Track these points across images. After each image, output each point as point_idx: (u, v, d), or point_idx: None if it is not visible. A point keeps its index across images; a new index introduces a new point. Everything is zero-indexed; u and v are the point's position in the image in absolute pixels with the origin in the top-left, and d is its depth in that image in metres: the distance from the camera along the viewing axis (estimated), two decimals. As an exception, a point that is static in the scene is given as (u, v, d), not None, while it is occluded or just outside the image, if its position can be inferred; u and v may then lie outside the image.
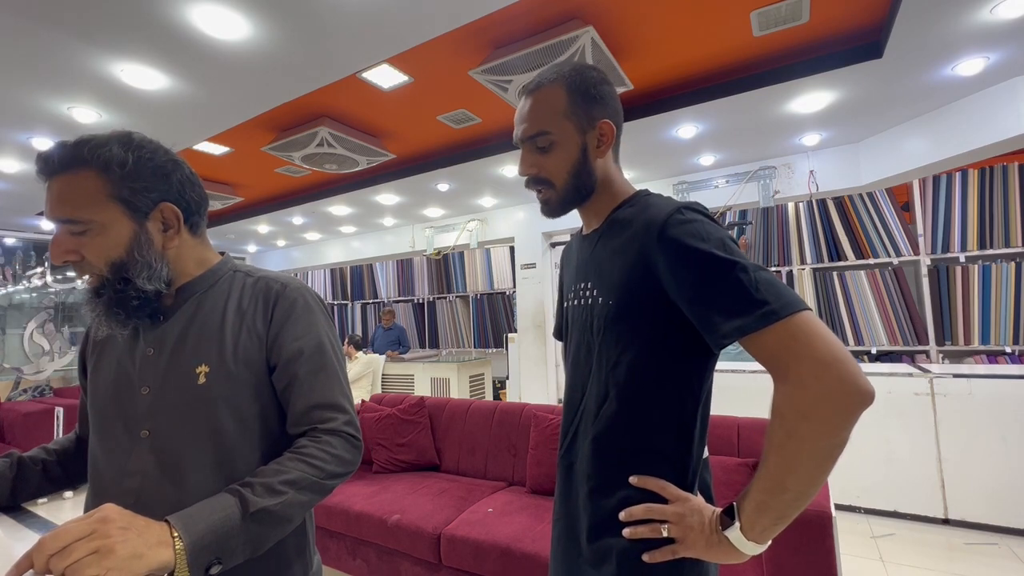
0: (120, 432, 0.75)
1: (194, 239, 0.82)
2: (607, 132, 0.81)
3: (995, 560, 2.32)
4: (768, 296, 0.62)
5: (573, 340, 0.86)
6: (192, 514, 0.61)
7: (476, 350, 6.42)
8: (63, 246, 0.72)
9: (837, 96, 2.95)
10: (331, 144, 3.24)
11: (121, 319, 0.74)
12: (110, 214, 0.72)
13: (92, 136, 0.72)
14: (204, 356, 0.76)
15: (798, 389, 0.61)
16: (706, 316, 0.66)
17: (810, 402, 0.60)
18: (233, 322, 0.79)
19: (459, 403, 2.84)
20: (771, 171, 4.00)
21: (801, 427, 0.61)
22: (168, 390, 0.75)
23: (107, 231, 0.72)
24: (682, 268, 0.68)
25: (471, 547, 1.93)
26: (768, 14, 2.29)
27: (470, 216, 5.58)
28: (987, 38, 2.32)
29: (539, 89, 0.81)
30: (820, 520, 1.48)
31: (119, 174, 0.72)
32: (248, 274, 0.85)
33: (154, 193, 0.75)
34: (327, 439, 0.74)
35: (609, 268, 0.78)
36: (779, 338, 0.62)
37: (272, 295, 0.81)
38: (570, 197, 0.83)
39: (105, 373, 0.80)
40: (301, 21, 2.04)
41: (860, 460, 2.89)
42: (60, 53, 2.19)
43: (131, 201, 0.73)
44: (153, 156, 0.75)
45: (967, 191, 3.69)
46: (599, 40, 2.28)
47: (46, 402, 4.51)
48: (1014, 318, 3.45)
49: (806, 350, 0.60)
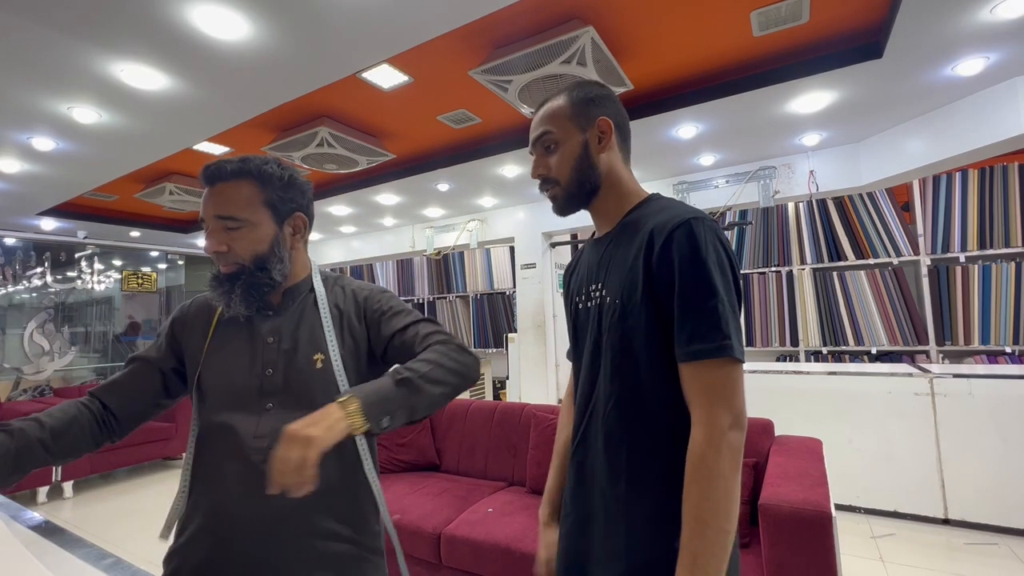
0: (251, 403, 0.89)
1: (302, 248, 1.01)
2: (606, 128, 0.86)
3: (995, 560, 2.32)
4: (732, 333, 0.70)
5: (584, 341, 0.88)
6: (361, 387, 0.81)
7: (476, 350, 6.41)
8: (218, 238, 0.88)
9: (837, 96, 2.95)
10: (331, 144, 3.24)
11: (251, 301, 0.91)
12: (260, 216, 0.91)
13: (255, 155, 0.93)
14: (319, 346, 0.93)
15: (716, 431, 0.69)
16: (681, 327, 0.72)
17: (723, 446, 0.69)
18: (336, 319, 0.98)
19: (459, 403, 2.84)
20: (771, 171, 4.00)
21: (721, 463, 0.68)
22: (292, 372, 0.91)
23: (256, 229, 0.90)
24: (682, 272, 0.72)
25: (471, 547, 1.94)
26: (768, 14, 2.29)
27: (470, 216, 5.58)
28: (987, 38, 2.32)
29: (545, 103, 0.90)
30: (820, 520, 1.48)
31: (274, 186, 0.92)
32: (336, 281, 1.04)
33: (293, 204, 0.95)
34: (440, 348, 0.91)
35: (619, 268, 0.81)
36: (719, 374, 0.70)
37: (360, 297, 1.01)
38: (574, 191, 0.87)
39: (227, 354, 0.94)
40: (301, 21, 2.04)
41: (860, 460, 2.89)
42: (60, 53, 2.19)
43: (278, 208, 0.93)
44: (296, 176, 0.96)
45: (967, 191, 3.69)
46: (599, 40, 2.28)
47: (46, 402, 4.51)
48: (1014, 318, 3.45)
49: (732, 399, 0.70)
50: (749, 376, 3.19)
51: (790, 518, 1.52)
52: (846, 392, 3.00)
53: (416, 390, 0.83)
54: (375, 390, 0.80)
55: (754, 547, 1.73)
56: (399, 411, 0.81)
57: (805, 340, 4.19)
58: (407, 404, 0.82)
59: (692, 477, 0.68)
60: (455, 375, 0.88)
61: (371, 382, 0.83)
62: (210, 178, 0.91)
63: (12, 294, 5.57)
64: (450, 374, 0.87)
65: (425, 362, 0.87)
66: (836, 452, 2.81)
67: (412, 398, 0.82)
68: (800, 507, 1.52)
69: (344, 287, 1.03)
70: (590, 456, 0.84)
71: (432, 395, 0.84)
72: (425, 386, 0.84)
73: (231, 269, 0.90)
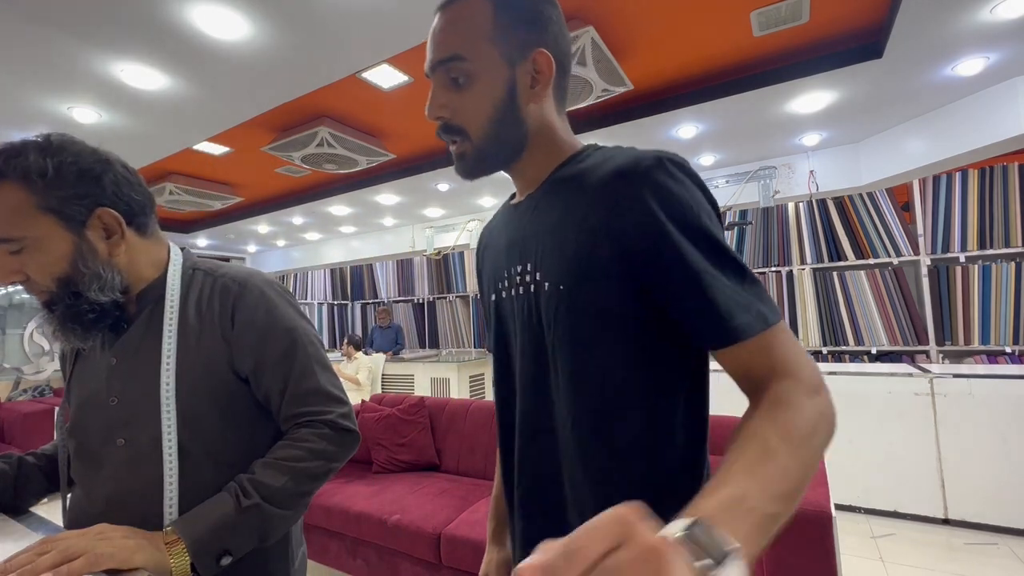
0: (97, 443, 0.74)
1: (145, 241, 0.77)
2: (544, 66, 0.60)
3: (995, 560, 2.32)
4: (763, 299, 0.53)
5: (512, 344, 0.66)
6: (193, 516, 0.66)
7: (476, 350, 6.41)
8: (4, 267, 0.67)
9: (837, 96, 2.95)
10: (331, 144, 3.24)
11: (79, 333, 0.71)
12: (43, 228, 0.67)
13: (7, 145, 0.67)
14: (157, 366, 0.73)
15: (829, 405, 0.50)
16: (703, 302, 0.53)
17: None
18: (194, 325, 0.75)
19: (459, 403, 2.84)
20: (771, 171, 4.00)
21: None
22: (135, 398, 0.73)
23: (44, 246, 0.67)
24: (676, 228, 0.52)
25: (471, 547, 1.93)
26: (768, 14, 2.29)
27: (470, 216, 5.59)
28: (987, 38, 2.32)
29: (457, 2, 0.60)
30: (820, 520, 1.48)
31: (42, 184, 0.66)
32: (208, 272, 0.80)
33: (86, 199, 0.69)
34: (306, 432, 0.75)
35: (556, 241, 0.59)
36: (773, 341, 0.52)
37: (231, 296, 0.77)
38: (490, 151, 0.62)
39: (79, 386, 0.78)
40: (301, 21, 2.04)
41: (860, 460, 2.89)
42: (60, 53, 2.19)
43: (62, 211, 0.68)
44: (77, 159, 0.69)
45: (967, 191, 3.69)
46: (599, 40, 2.28)
47: (46, 402, 4.51)
48: (1014, 318, 3.45)
49: (804, 361, 0.52)
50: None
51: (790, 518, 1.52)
52: (846, 392, 2.99)
53: (266, 518, 0.69)
54: (210, 524, 0.65)
55: (754, 547, 1.73)
56: (246, 541, 0.67)
57: (805, 340, 4.19)
58: (253, 535, 0.68)
59: (795, 445, 0.45)
60: (318, 479, 0.74)
61: (206, 506, 0.67)
62: None
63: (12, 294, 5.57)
64: (311, 480, 0.73)
65: (278, 470, 0.71)
66: (836, 452, 2.81)
67: (263, 526, 0.69)
68: (800, 507, 1.52)
69: (215, 281, 0.79)
70: (549, 490, 0.62)
71: (286, 516, 0.72)
72: (277, 512, 0.70)
73: (44, 298, 0.71)
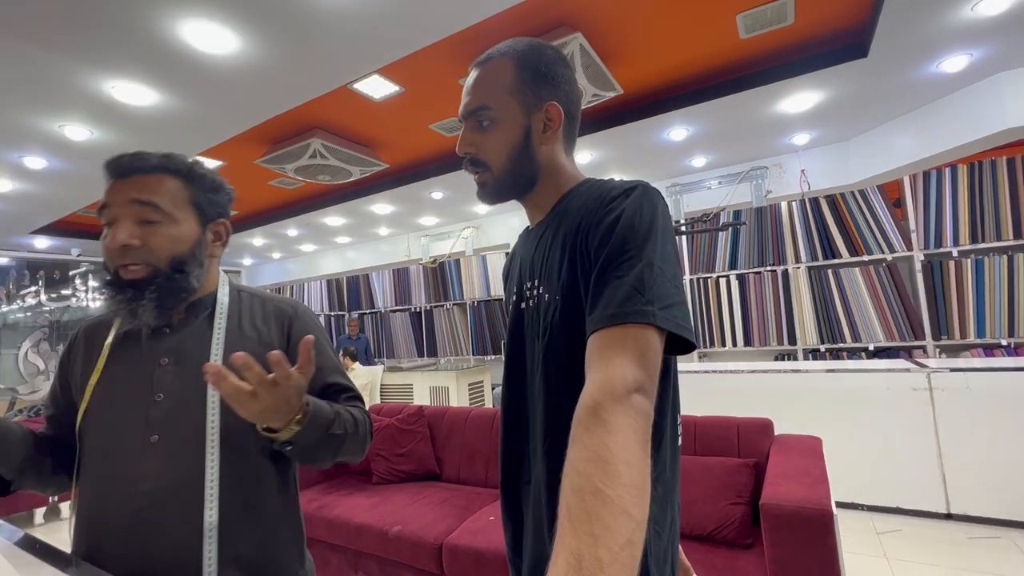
0: (132, 436, 0.77)
1: (218, 260, 0.92)
2: (555, 116, 0.72)
3: (998, 553, 2.32)
4: (656, 299, 0.58)
5: (523, 351, 0.74)
6: (316, 405, 0.77)
7: (475, 357, 6.40)
8: (129, 229, 0.76)
9: (825, 96, 2.98)
10: (324, 155, 3.25)
11: (166, 310, 0.80)
12: (185, 214, 0.82)
13: (179, 154, 0.85)
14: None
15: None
16: (595, 297, 0.61)
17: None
18: (251, 336, 0.87)
19: (458, 411, 2.83)
20: (763, 171, 4.03)
21: None
22: (188, 398, 0.79)
23: (178, 227, 0.80)
24: (614, 239, 0.60)
25: (473, 556, 1.92)
26: (754, 16, 2.31)
27: (465, 224, 5.59)
28: (969, 35, 2.35)
29: (488, 62, 0.74)
30: (822, 518, 1.48)
31: (203, 187, 0.85)
32: (254, 295, 0.94)
33: (220, 208, 0.88)
34: (359, 413, 0.88)
35: (553, 260, 0.69)
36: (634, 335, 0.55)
37: (286, 317, 0.91)
38: (507, 183, 0.74)
39: (113, 385, 0.81)
40: (290, 34, 2.05)
41: (860, 457, 2.89)
42: (51, 71, 2.19)
43: (204, 209, 0.85)
44: (225, 183, 0.91)
45: (957, 186, 3.72)
46: (588, 46, 2.30)
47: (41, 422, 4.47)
48: (1008, 310, 3.47)
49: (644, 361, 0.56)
50: (748, 376, 3.19)
51: (792, 517, 1.52)
52: (845, 389, 3.00)
53: (334, 450, 0.81)
54: (321, 423, 0.77)
55: (756, 548, 1.72)
56: (311, 451, 0.78)
57: (802, 338, 4.20)
58: (318, 452, 0.80)
59: (580, 432, 0.48)
60: (360, 451, 0.87)
61: (322, 406, 0.79)
62: (122, 170, 0.79)
63: (6, 313, 5.54)
64: (360, 448, 0.86)
65: (352, 422, 0.84)
66: (836, 450, 2.81)
67: (325, 450, 0.80)
68: (801, 506, 1.52)
69: (265, 303, 0.92)
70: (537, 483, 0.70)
71: (331, 458, 0.83)
72: (341, 448, 0.82)
73: (138, 274, 0.77)
